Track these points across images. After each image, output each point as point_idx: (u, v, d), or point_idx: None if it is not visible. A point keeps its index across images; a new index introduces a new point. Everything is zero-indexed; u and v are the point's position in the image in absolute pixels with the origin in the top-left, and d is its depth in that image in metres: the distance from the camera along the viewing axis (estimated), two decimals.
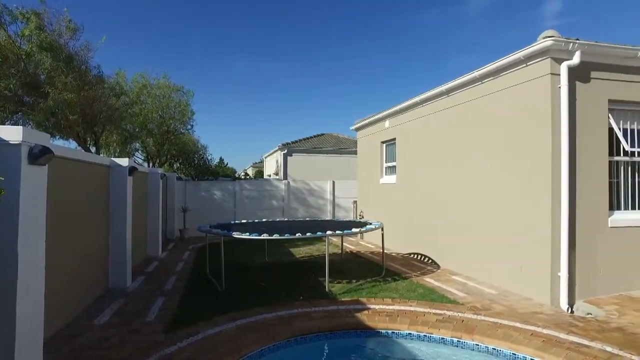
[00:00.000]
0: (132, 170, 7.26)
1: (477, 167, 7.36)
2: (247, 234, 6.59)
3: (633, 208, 6.42)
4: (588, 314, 5.38)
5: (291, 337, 4.70)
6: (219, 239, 6.93)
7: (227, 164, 42.04)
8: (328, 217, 16.06)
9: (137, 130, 15.17)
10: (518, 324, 4.85)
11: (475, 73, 7.09)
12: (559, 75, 5.69)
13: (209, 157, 20.61)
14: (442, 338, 4.73)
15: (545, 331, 4.63)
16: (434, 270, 8.04)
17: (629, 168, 6.43)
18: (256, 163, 41.70)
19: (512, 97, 6.49)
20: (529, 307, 5.60)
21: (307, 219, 12.81)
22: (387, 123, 11.34)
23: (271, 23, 50.94)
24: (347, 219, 12.85)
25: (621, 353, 4.02)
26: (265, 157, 31.08)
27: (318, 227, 7.42)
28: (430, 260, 8.80)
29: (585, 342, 4.30)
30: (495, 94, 6.85)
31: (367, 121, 12.66)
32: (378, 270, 7.88)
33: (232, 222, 9.37)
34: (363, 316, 5.24)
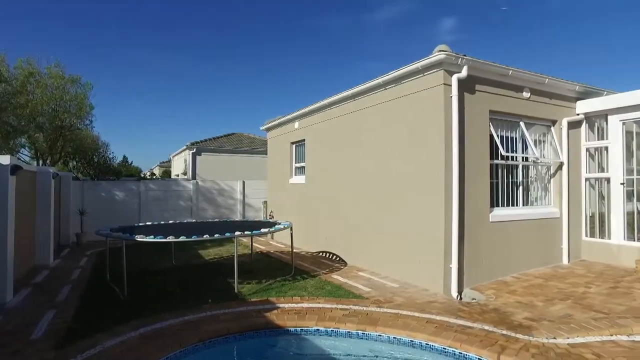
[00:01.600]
0: (14, 169, 6.48)
1: (380, 169, 7.84)
2: (152, 236, 6.28)
3: (508, 205, 7.38)
4: (473, 299, 6.06)
5: (199, 341, 4.60)
6: (121, 243, 6.51)
7: (131, 163, 39.30)
8: (238, 217, 15.87)
9: (22, 123, 13.52)
10: (416, 313, 5.29)
11: (379, 79, 7.54)
12: (451, 85, 6.30)
13: (111, 156, 19.12)
14: (348, 332, 4.97)
15: (438, 318, 5.11)
16: (342, 267, 8.39)
17: (505, 170, 7.37)
18: (164, 162, 39.60)
19: (411, 104, 7.02)
20: (425, 297, 6.12)
21: (216, 219, 12.54)
22: (296, 124, 11.54)
23: (179, 18, 48.61)
24: (257, 219, 12.82)
25: (495, 329, 4.63)
26: (173, 157, 29.64)
27: (227, 227, 7.32)
28: (338, 258, 9.16)
29: (469, 324, 4.85)
30: (396, 100, 7.36)
31: (277, 122, 12.76)
32: (288, 270, 8.01)
33: (136, 224, 8.82)
34: (272, 315, 5.31)
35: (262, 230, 7.30)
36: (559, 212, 7.97)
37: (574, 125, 8.17)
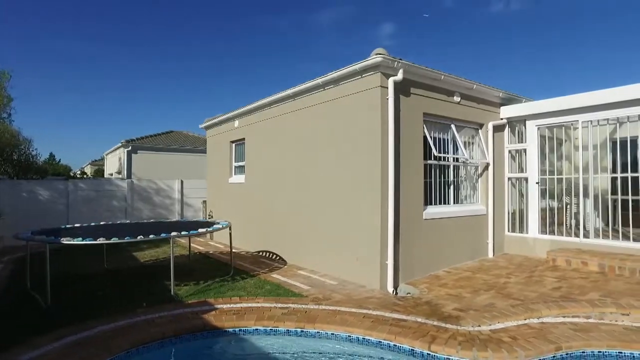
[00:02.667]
0: None
1: (318, 168, 7.96)
2: (80, 239, 5.91)
3: (440, 203, 7.81)
4: (408, 293, 6.34)
5: (132, 347, 4.40)
6: (45, 247, 6.05)
7: (59, 161, 36.57)
8: (176, 217, 15.36)
9: None
10: (354, 309, 5.43)
11: (319, 80, 7.64)
12: (387, 88, 6.54)
13: (34, 153, 17.61)
14: (287, 330, 5.00)
15: (375, 312, 5.29)
16: (282, 266, 8.42)
17: (437, 170, 7.78)
18: (96, 161, 37.24)
19: (349, 105, 7.19)
20: (363, 293, 6.31)
21: (152, 220, 12.05)
22: (236, 123, 11.38)
23: (115, 10, 45.85)
24: (195, 219, 12.49)
25: (427, 321, 4.88)
26: (107, 155, 27.96)
27: (164, 228, 7.07)
28: (278, 258, 9.17)
29: (404, 317, 5.07)
30: (335, 100, 7.50)
31: (216, 120, 12.50)
32: (227, 270, 7.90)
33: (63, 226, 8.24)
34: (210, 317, 5.22)
35: (200, 230, 7.14)
36: (485, 210, 8.57)
37: (498, 128, 8.83)
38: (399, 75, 6.54)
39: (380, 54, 6.34)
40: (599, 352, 4.23)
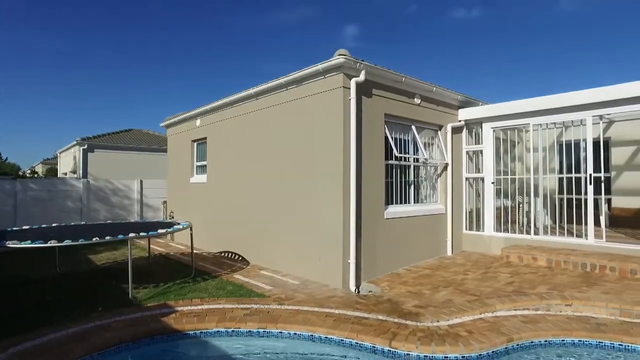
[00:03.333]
0: None
1: (280, 167, 7.95)
2: (29, 242, 5.60)
3: (401, 202, 7.99)
4: (369, 292, 6.44)
5: (86, 354, 4.22)
6: None
7: (6, 160, 34.46)
8: (135, 218, 14.89)
9: None
10: (316, 309, 5.45)
11: (281, 79, 7.62)
12: (350, 89, 6.61)
13: None
14: (249, 331, 4.97)
15: (337, 311, 5.34)
16: (244, 267, 8.34)
17: (398, 170, 7.96)
18: (48, 159, 35.42)
19: (311, 105, 7.22)
20: (325, 292, 6.35)
21: (109, 221, 11.60)
22: (198, 121, 11.17)
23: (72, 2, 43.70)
24: (155, 220, 12.13)
25: (388, 318, 4.98)
26: (60, 153, 26.68)
27: (121, 229, 6.84)
28: (240, 258, 9.08)
29: (365, 315, 5.15)
30: (298, 100, 7.51)
31: (178, 118, 12.21)
32: (188, 271, 7.74)
33: (9, 229, 7.78)
34: (170, 320, 5.09)
35: (160, 231, 6.96)
36: (444, 209, 8.84)
37: (456, 130, 9.13)
38: (361, 77, 6.63)
39: (342, 55, 6.41)
40: (545, 341, 4.50)
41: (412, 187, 8.30)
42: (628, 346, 4.38)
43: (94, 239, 5.93)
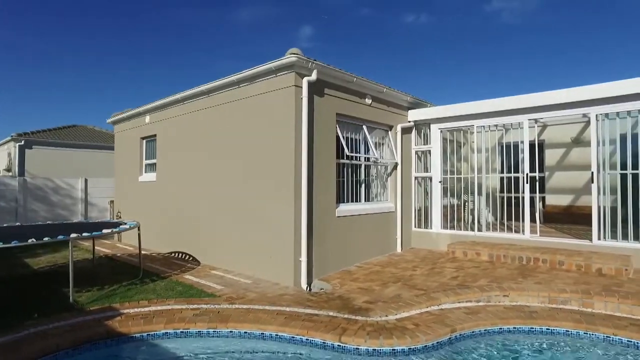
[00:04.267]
0: None
1: (232, 166, 7.86)
2: None
3: (352, 201, 8.14)
4: (321, 289, 6.51)
5: None
6: None
7: None
8: (79, 218, 14.14)
9: None
10: (267, 307, 5.45)
11: (234, 77, 7.53)
12: (302, 87, 6.65)
13: None
14: (198, 331, 4.88)
15: (288, 309, 5.36)
16: (195, 267, 8.17)
17: (350, 169, 8.11)
18: None
19: (263, 103, 7.20)
20: (277, 290, 6.36)
21: (49, 222, 10.94)
22: (147, 118, 10.79)
23: None
24: (101, 220, 11.59)
25: (338, 314, 5.07)
26: None
27: (62, 230, 6.48)
28: (191, 258, 8.88)
29: (316, 311, 5.22)
30: (250, 98, 7.46)
31: (126, 115, 11.73)
32: (136, 273, 7.47)
33: None
34: (115, 323, 4.90)
35: (105, 231, 6.66)
36: (394, 207, 9.11)
37: (406, 130, 9.43)
38: (313, 76, 6.69)
39: (294, 53, 6.44)
40: (485, 330, 4.78)
41: (363, 185, 8.48)
42: (553, 329, 4.81)
43: (29, 241, 5.58)
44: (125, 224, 7.47)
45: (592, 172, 7.43)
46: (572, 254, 7.16)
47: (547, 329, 4.81)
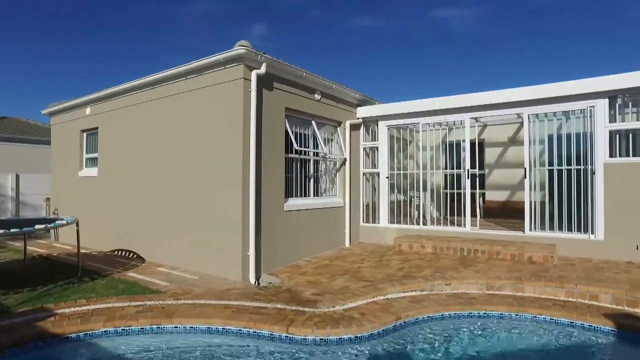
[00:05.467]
0: None
1: (178, 160, 7.66)
2: None
3: (300, 195, 8.19)
4: (269, 283, 6.50)
5: None
6: None
7: None
8: (9, 216, 13.13)
9: None
10: (214, 301, 5.36)
11: (181, 68, 7.32)
12: (250, 80, 6.60)
13: None
14: (141, 328, 4.71)
15: (235, 303, 5.31)
16: (139, 264, 7.87)
17: (299, 163, 8.15)
18: None
19: (211, 96, 7.07)
20: (224, 285, 6.27)
21: None
22: (88, 110, 10.24)
23: None
24: (34, 217, 10.86)
25: (286, 307, 5.09)
26: None
27: None
28: (136, 256, 8.54)
29: (264, 305, 5.21)
30: (197, 90, 7.29)
31: (64, 106, 11.05)
32: (73, 272, 7.06)
33: None
34: (47, 324, 4.61)
35: (37, 226, 6.24)
36: (343, 202, 9.26)
37: (355, 127, 9.62)
38: (262, 69, 6.66)
39: (243, 46, 6.38)
40: (428, 317, 5.00)
41: (312, 180, 8.56)
42: (489, 313, 5.15)
43: None
44: (62, 219, 7.05)
45: (525, 169, 7.96)
46: (508, 244, 7.65)
47: (484, 313, 5.12)
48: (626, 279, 5.78)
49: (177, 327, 4.75)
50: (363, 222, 9.85)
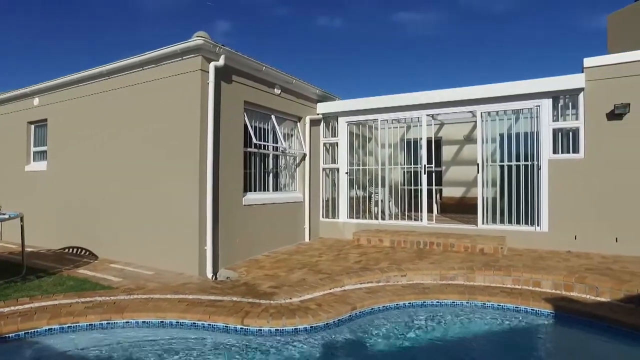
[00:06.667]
0: None
1: (134, 153, 7.44)
2: None
3: (260, 190, 8.15)
4: (227, 277, 6.43)
5: None
6: None
7: None
8: None
9: None
10: (169, 296, 5.26)
11: (137, 58, 7.11)
12: (208, 72, 6.50)
13: None
14: (90, 324, 4.54)
15: (191, 297, 5.22)
16: (91, 261, 7.57)
17: (258, 158, 8.11)
18: None
19: (168, 87, 6.90)
20: (180, 280, 6.14)
21: None
22: (36, 100, 9.73)
23: None
24: None
25: (242, 299, 5.07)
26: None
27: None
28: (88, 253, 8.21)
29: (220, 298, 5.15)
30: (154, 82, 7.11)
31: (8, 96, 10.44)
32: (17, 270, 6.70)
33: None
34: None
35: None
36: (302, 197, 9.30)
37: (315, 123, 9.68)
38: (221, 61, 6.58)
39: (201, 37, 6.28)
40: (383, 306, 5.12)
41: (271, 175, 8.54)
42: (442, 302, 5.34)
43: None
44: (4, 214, 6.67)
45: (478, 165, 8.29)
46: (462, 237, 7.94)
47: (437, 301, 5.31)
48: (565, 266, 6.17)
49: (128, 322, 4.63)
50: (323, 217, 9.93)
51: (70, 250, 8.59)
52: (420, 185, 8.97)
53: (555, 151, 7.67)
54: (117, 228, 7.70)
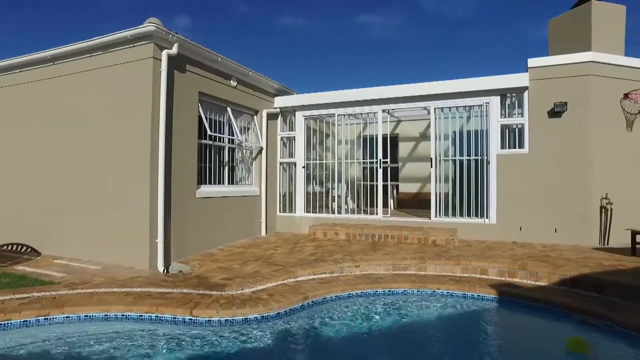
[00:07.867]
0: None
1: (81, 144, 7.09)
2: None
3: (214, 183, 8.00)
4: (179, 271, 6.26)
5: None
6: None
7: None
8: None
9: None
10: (115, 289, 5.06)
11: (85, 43, 6.76)
12: (161, 60, 6.30)
13: None
14: (24, 321, 4.28)
15: (139, 290, 5.05)
16: (33, 258, 7.16)
17: (213, 150, 7.96)
18: None
19: (118, 75, 6.64)
20: (129, 274, 5.92)
21: None
22: None
23: None
24: None
25: (193, 291, 4.96)
26: None
27: None
28: (29, 249, 7.75)
29: (170, 290, 5.02)
30: (103, 69, 6.81)
31: None
32: None
33: None
34: None
35: None
36: (259, 191, 9.22)
37: (272, 116, 9.62)
38: (174, 49, 6.40)
39: (153, 23, 6.08)
40: (335, 296, 5.19)
41: (227, 168, 8.39)
42: (394, 291, 5.48)
43: None
44: None
45: (432, 159, 8.54)
46: (415, 230, 8.15)
47: (389, 290, 5.43)
48: (509, 255, 6.48)
49: (69, 316, 4.41)
50: (280, 211, 9.89)
51: (10, 247, 8.08)
52: (377, 180, 9.12)
53: (503, 146, 8.03)
54: (65, 223, 7.31)
